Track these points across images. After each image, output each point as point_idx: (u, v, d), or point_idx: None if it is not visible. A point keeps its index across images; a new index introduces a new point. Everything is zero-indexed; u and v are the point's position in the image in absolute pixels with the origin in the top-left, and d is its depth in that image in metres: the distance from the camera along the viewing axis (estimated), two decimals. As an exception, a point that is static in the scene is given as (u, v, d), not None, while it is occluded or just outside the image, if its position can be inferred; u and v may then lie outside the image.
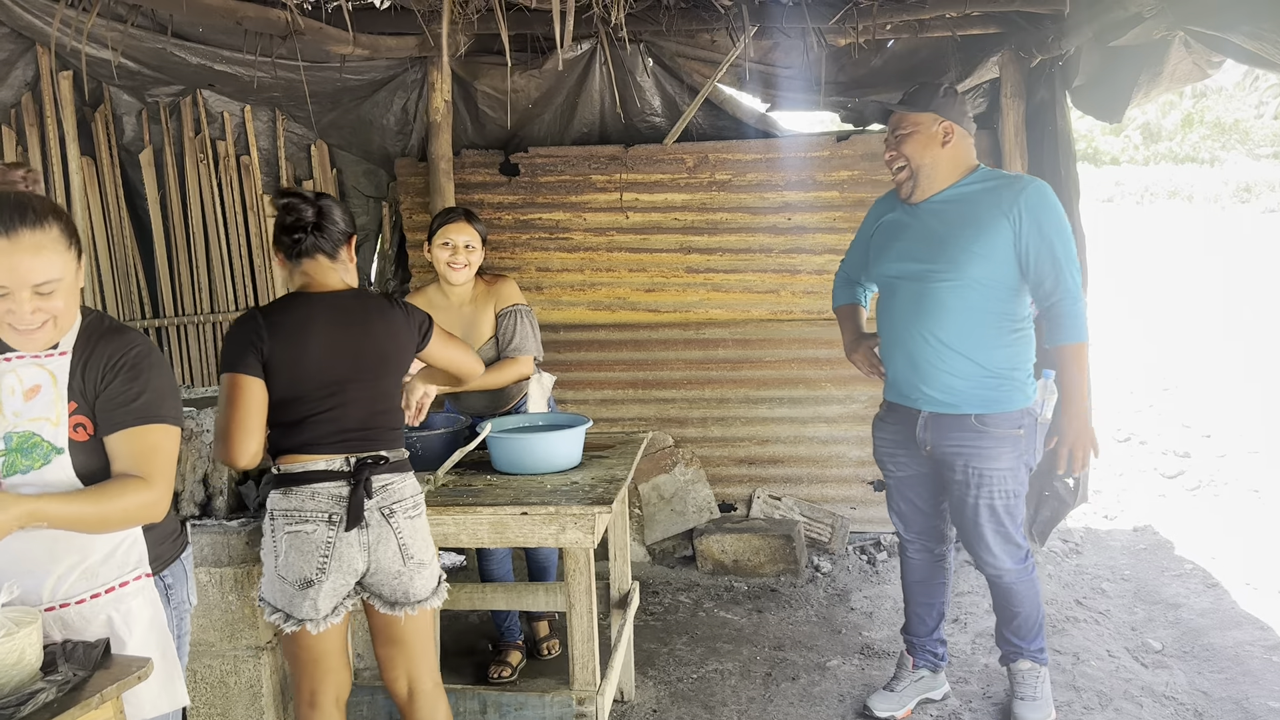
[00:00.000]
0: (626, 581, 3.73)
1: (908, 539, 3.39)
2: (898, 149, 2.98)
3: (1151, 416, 7.27)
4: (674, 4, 3.80)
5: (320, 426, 2.42)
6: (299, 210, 2.47)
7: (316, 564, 2.39)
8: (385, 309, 2.56)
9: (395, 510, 2.47)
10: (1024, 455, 3.03)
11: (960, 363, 2.98)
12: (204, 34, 4.40)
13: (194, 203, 5.11)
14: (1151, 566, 4.73)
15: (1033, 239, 2.84)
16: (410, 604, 2.51)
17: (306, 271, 2.50)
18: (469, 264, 3.41)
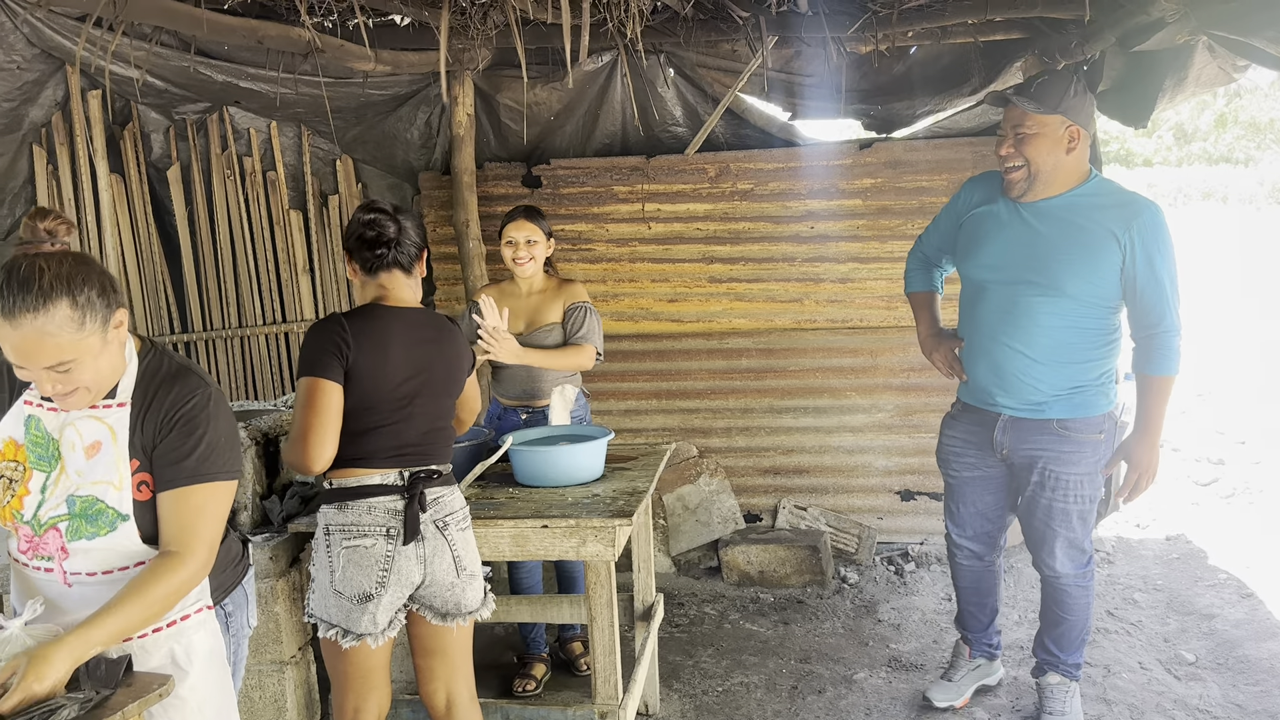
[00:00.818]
0: (651, 593, 3.72)
1: (959, 544, 3.34)
2: (1017, 148, 2.83)
3: (1185, 423, 7.16)
4: (692, 16, 3.79)
5: (383, 439, 2.45)
6: (382, 225, 2.50)
7: (376, 578, 2.41)
8: (451, 330, 2.64)
9: (449, 523, 2.51)
10: (1101, 460, 3.00)
11: (1048, 376, 2.92)
12: (229, 52, 4.45)
13: (221, 218, 5.16)
14: (1184, 576, 4.65)
15: (1143, 269, 2.77)
16: (461, 615, 2.54)
17: (382, 284, 2.53)
18: (533, 257, 3.58)
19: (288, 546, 2.98)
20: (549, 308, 3.64)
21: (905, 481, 4.97)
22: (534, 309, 3.65)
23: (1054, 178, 2.83)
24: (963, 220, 3.11)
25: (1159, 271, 2.75)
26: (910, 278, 3.41)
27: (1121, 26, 3.34)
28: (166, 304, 5.18)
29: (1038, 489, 3.01)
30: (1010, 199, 2.94)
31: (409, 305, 2.55)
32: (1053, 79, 2.81)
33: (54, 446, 1.92)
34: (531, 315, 3.64)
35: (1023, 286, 2.87)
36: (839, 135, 5.13)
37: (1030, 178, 2.84)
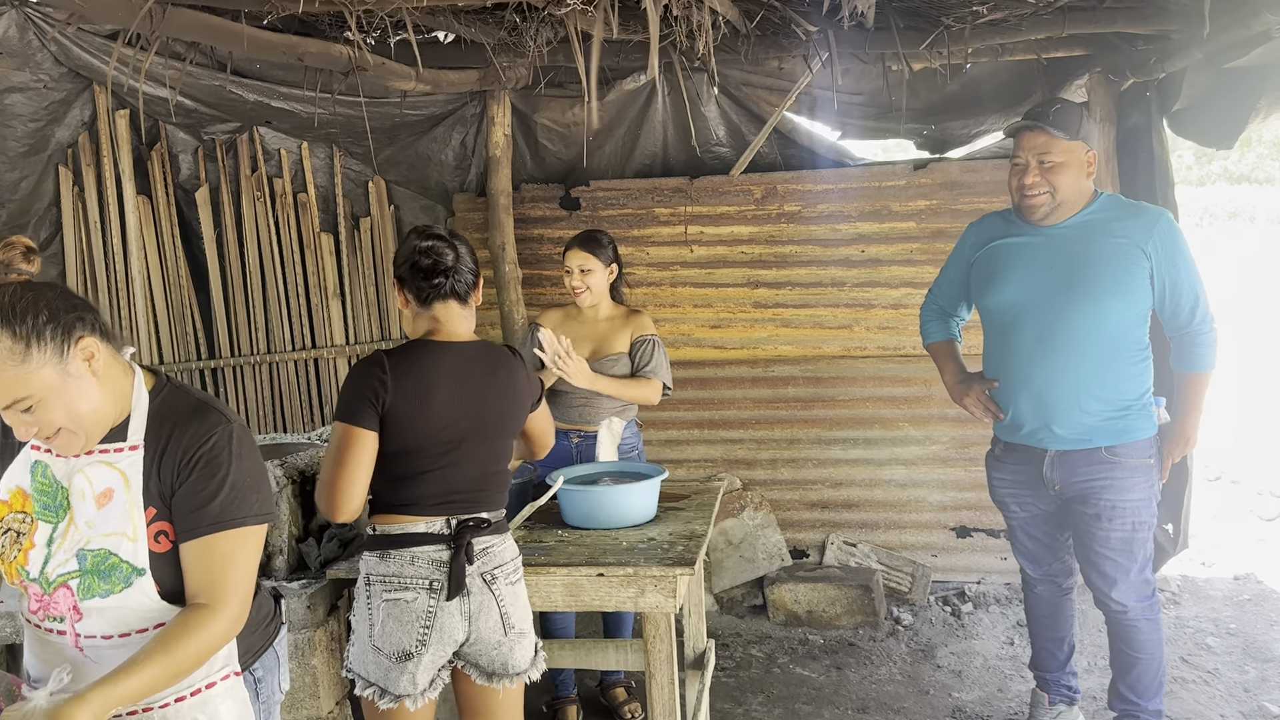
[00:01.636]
0: (702, 640, 3.52)
1: (1035, 577, 3.27)
2: (1043, 176, 2.83)
3: (1240, 452, 6.91)
4: (752, 33, 3.62)
5: (428, 485, 2.27)
6: (440, 253, 2.31)
7: (417, 635, 2.23)
8: (511, 365, 2.43)
9: (497, 576, 2.31)
10: (1154, 485, 2.95)
11: (1094, 399, 2.86)
12: (261, 70, 4.32)
13: (250, 241, 5.02)
14: (1259, 619, 4.40)
15: (1169, 271, 2.79)
16: (509, 675, 2.34)
17: (436, 317, 2.34)
18: (588, 287, 3.50)
19: (325, 594, 2.79)
20: (616, 337, 3.53)
21: (961, 517, 4.74)
22: (600, 337, 3.53)
23: (1075, 201, 2.86)
24: (973, 261, 3.09)
25: (1186, 271, 2.79)
26: (927, 330, 3.36)
27: (1215, 41, 3.14)
28: (193, 329, 5.03)
29: (1094, 521, 2.93)
30: (1028, 224, 2.94)
31: (462, 339, 2.36)
32: (1067, 106, 2.84)
33: (63, 495, 1.74)
34: (598, 343, 3.52)
35: (1058, 307, 2.84)
36: (892, 155, 4.94)
37: (1055, 203, 2.85)
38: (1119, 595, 2.98)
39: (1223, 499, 6.12)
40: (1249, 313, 12.64)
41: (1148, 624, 3.01)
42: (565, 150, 4.94)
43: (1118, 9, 3.45)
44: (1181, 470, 4.16)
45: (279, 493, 2.85)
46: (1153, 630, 3.02)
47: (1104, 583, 2.98)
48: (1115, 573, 2.95)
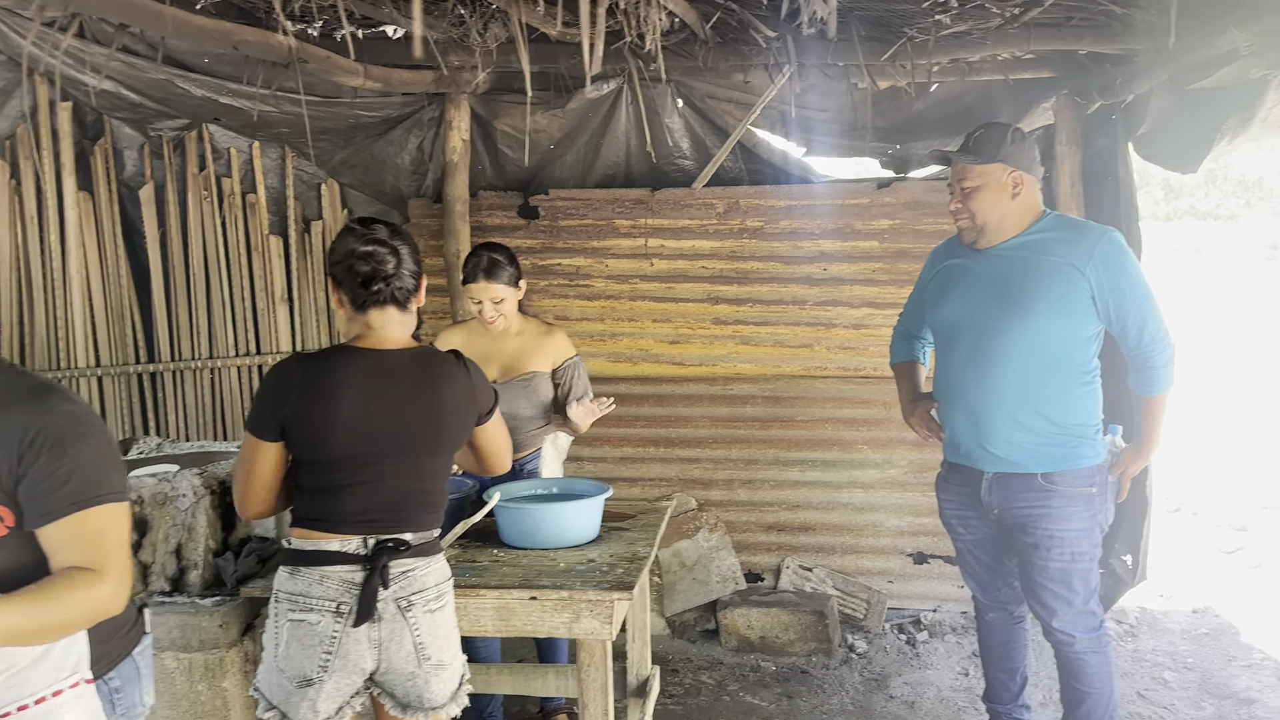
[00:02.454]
0: (646, 666, 3.39)
1: (985, 602, 3.19)
2: (963, 203, 2.82)
3: (1201, 484, 6.87)
4: (710, 38, 3.52)
5: (346, 501, 2.13)
6: (380, 260, 2.13)
7: (319, 661, 2.09)
8: (450, 374, 2.24)
9: (414, 603, 2.15)
10: (1097, 515, 2.87)
11: (1027, 418, 2.80)
12: (210, 65, 4.17)
13: (195, 242, 4.84)
14: (1217, 654, 4.33)
15: (1113, 292, 2.72)
16: (424, 710, 2.18)
17: (370, 323, 2.18)
18: (503, 314, 3.28)
19: (240, 612, 2.63)
20: (531, 356, 3.34)
21: (918, 543, 4.64)
22: (511, 355, 3.34)
23: (1004, 224, 2.82)
24: (929, 282, 3.09)
25: (1130, 291, 2.73)
26: (893, 350, 3.36)
27: (1179, 61, 3.08)
28: (133, 331, 4.84)
29: (1032, 550, 2.87)
30: (973, 249, 2.91)
31: (393, 345, 2.20)
32: (988, 130, 2.83)
33: None
34: (509, 362, 3.33)
35: (994, 326, 2.81)
36: (855, 173, 4.86)
37: (978, 228, 2.83)
38: (1061, 625, 2.90)
39: (1183, 531, 6.07)
40: (1211, 346, 12.73)
41: (1095, 657, 2.93)
42: (526, 158, 4.81)
43: (1084, 27, 3.39)
44: (1140, 501, 4.09)
45: (196, 504, 2.70)
46: (1101, 664, 2.94)
47: (1045, 612, 2.91)
48: (1055, 603, 2.88)
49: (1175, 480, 6.97)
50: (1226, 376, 10.84)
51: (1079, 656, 2.94)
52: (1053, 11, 3.23)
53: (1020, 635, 3.22)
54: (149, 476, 2.75)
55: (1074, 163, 4.12)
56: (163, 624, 2.56)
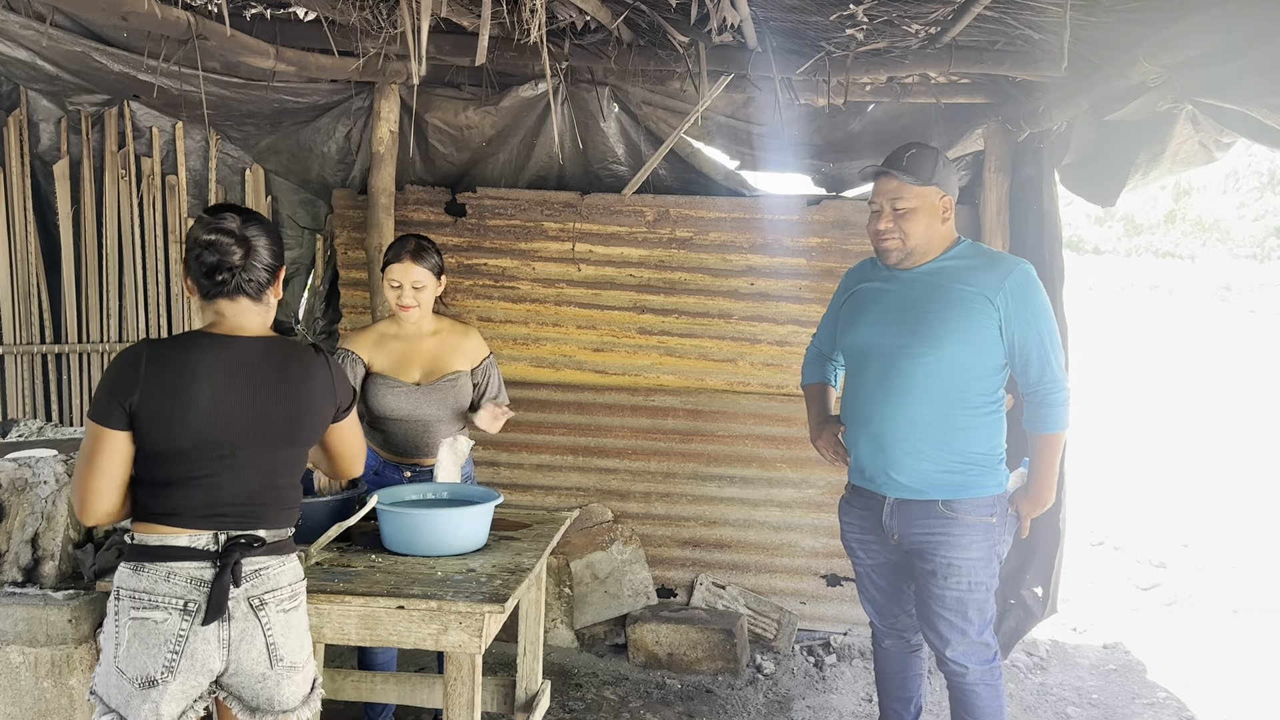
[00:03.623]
0: (536, 681, 3.30)
1: (882, 629, 3.16)
2: (896, 223, 2.76)
3: (1127, 520, 6.91)
4: (631, 41, 3.45)
5: (194, 494, 2.04)
6: (224, 249, 2.05)
7: (163, 661, 1.98)
8: (308, 365, 2.17)
9: (266, 601, 2.07)
10: (996, 545, 2.84)
11: (929, 446, 2.77)
12: (128, 40, 4.03)
13: (110, 221, 4.69)
14: (1122, 691, 4.31)
15: (1019, 325, 2.70)
16: (274, 713, 2.09)
17: (220, 311, 2.10)
18: (419, 303, 3.18)
19: (94, 607, 2.50)
20: (450, 356, 3.26)
21: (832, 565, 4.59)
22: (432, 355, 3.25)
23: (930, 247, 2.81)
24: (842, 304, 3.06)
25: (1036, 327, 2.72)
26: (805, 371, 3.33)
27: (1095, 92, 3.06)
28: (40, 309, 4.68)
29: (930, 577, 2.84)
30: (885, 268, 2.89)
31: (248, 334, 2.11)
32: (922, 151, 2.80)
33: None
34: (430, 363, 3.23)
35: (899, 350, 2.78)
36: (788, 189, 4.82)
37: (907, 249, 2.80)
38: (954, 655, 2.87)
39: (1103, 565, 6.08)
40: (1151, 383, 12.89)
41: (987, 689, 2.89)
42: (456, 154, 4.72)
43: (1007, 52, 3.36)
44: (1053, 533, 4.06)
45: (57, 491, 2.58)
46: (993, 697, 2.90)
47: (939, 641, 2.87)
48: (949, 632, 2.84)
49: (1101, 514, 7.01)
50: (1164, 414, 10.96)
51: (971, 688, 2.91)
52: (973, 34, 3.20)
53: (916, 664, 3.19)
54: (10, 461, 2.62)
55: (1001, 190, 4.11)
56: (9, 616, 2.43)
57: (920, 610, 2.94)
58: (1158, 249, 29.38)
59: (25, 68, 4.28)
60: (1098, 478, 7.77)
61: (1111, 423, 9.94)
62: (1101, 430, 9.32)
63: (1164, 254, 29.21)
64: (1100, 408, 10.43)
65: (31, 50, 4.13)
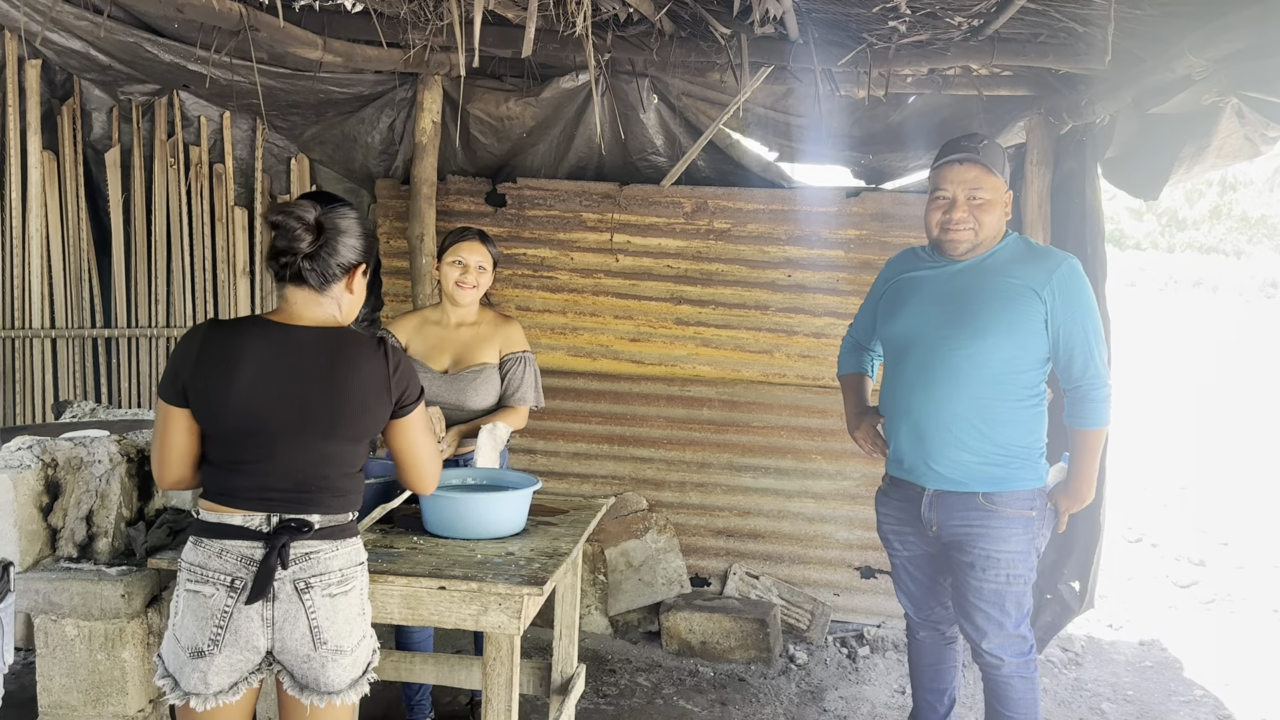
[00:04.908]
0: (571, 665, 3.34)
1: (917, 620, 3.16)
2: (973, 214, 2.73)
3: (1165, 517, 6.84)
4: (672, 33, 3.47)
5: (243, 478, 2.08)
6: (292, 235, 2.06)
7: (210, 634, 2.04)
8: (362, 358, 2.13)
9: (313, 585, 2.08)
10: (1035, 538, 2.83)
11: (971, 437, 2.77)
12: (179, 30, 4.12)
13: (159, 209, 4.80)
14: (1158, 688, 4.29)
15: (1065, 319, 2.70)
16: (320, 693, 2.11)
17: (285, 297, 2.13)
18: (478, 285, 3.23)
19: (145, 583, 2.58)
20: (483, 347, 3.27)
21: (867, 557, 4.60)
22: (464, 344, 3.27)
23: (993, 240, 2.80)
24: (882, 295, 3.05)
25: (1082, 323, 2.71)
26: (841, 361, 3.32)
27: (1139, 85, 3.04)
28: (90, 295, 4.79)
29: (968, 569, 2.84)
30: (936, 259, 2.88)
31: (304, 323, 2.13)
32: (991, 142, 2.79)
33: None
34: (461, 351, 3.26)
35: (943, 341, 2.77)
36: (827, 181, 4.82)
37: (978, 240, 2.78)
38: (990, 648, 2.87)
39: (1140, 562, 6.03)
40: (1193, 381, 12.72)
41: (1022, 682, 2.89)
42: (497, 144, 4.77)
43: (1050, 44, 3.35)
44: (1093, 528, 4.04)
45: (110, 471, 2.66)
46: (1028, 689, 2.90)
47: (975, 634, 2.87)
48: (986, 624, 2.84)
49: (1140, 511, 6.95)
50: (1206, 411, 10.82)
51: (1006, 680, 2.91)
52: (1016, 26, 3.19)
53: (951, 656, 3.20)
54: (66, 440, 2.70)
55: (1043, 183, 4.08)
56: (65, 590, 2.52)
57: (957, 602, 2.94)
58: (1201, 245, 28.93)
59: (79, 58, 4.38)
60: (1136, 474, 7.70)
61: (1152, 419, 9.83)
62: (1141, 427, 9.23)
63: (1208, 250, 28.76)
64: (1141, 404, 10.32)
65: (86, 41, 4.23)
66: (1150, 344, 14.70)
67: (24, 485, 2.55)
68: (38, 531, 2.59)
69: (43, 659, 2.54)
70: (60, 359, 4.76)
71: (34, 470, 2.59)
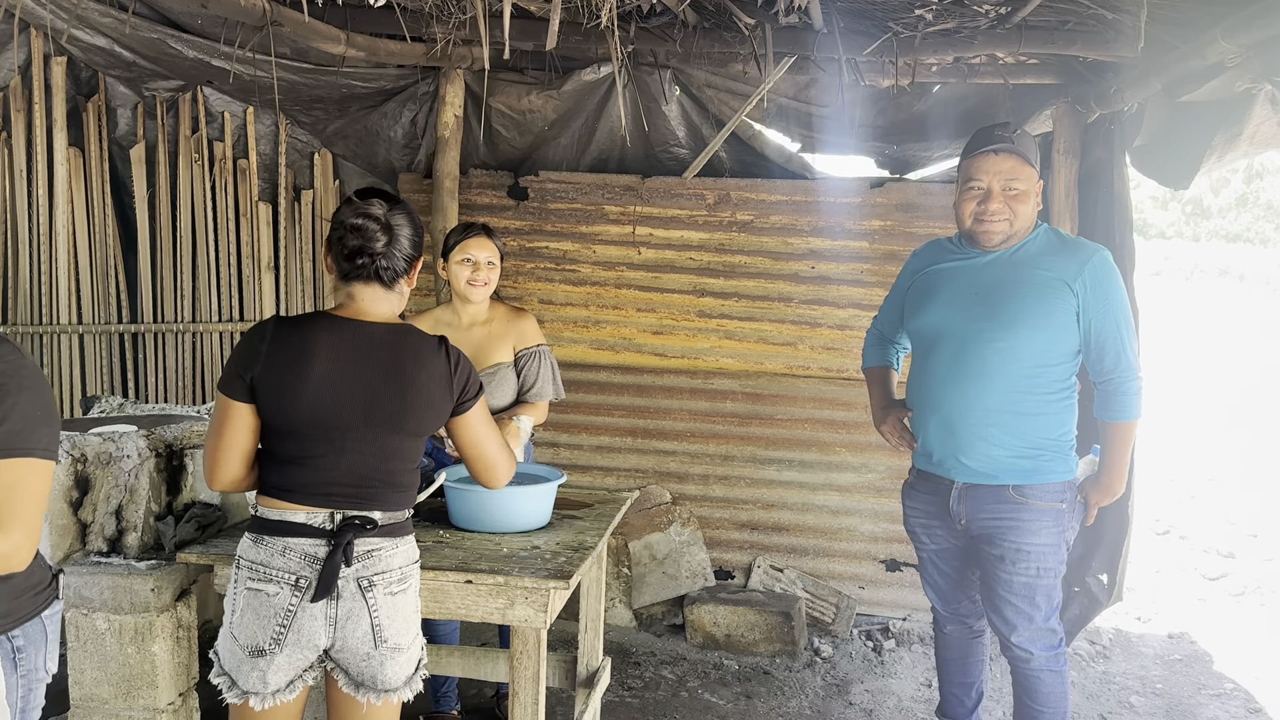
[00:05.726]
0: (597, 658, 3.34)
1: (945, 614, 3.14)
2: (1008, 204, 2.70)
3: (1193, 509, 6.77)
4: (695, 23, 3.45)
5: (308, 473, 2.08)
6: (369, 235, 2.07)
7: (272, 633, 2.04)
8: (426, 355, 2.15)
9: (376, 583, 2.09)
10: (1065, 531, 2.81)
11: (1002, 431, 2.74)
12: (202, 26, 4.14)
13: (184, 204, 4.83)
14: (1187, 681, 4.25)
15: (1096, 312, 2.67)
16: (377, 691, 2.12)
17: (352, 294, 2.13)
18: (488, 282, 3.19)
19: (175, 577, 2.60)
20: (497, 346, 3.23)
21: (892, 550, 4.58)
22: (477, 345, 3.21)
23: (1025, 231, 2.76)
24: (909, 287, 3.01)
25: (1113, 315, 2.69)
26: (866, 354, 3.29)
27: (1170, 72, 3.00)
28: (117, 290, 4.83)
29: (997, 562, 2.81)
30: (966, 250, 2.85)
31: (371, 319, 2.13)
32: (1024, 132, 2.76)
33: None
34: (474, 353, 3.19)
35: (975, 334, 2.75)
36: (850, 171, 4.78)
37: (1013, 231, 2.74)
38: (1020, 641, 2.84)
39: (1168, 554, 5.98)
40: (1221, 372, 12.58)
41: (1051, 676, 2.87)
42: (519, 138, 4.77)
43: (1078, 32, 3.31)
44: (1121, 520, 4.01)
45: (139, 465, 2.67)
46: (1057, 683, 2.88)
47: (1005, 627, 2.85)
48: (1016, 618, 2.82)
49: (1167, 503, 6.88)
50: (1235, 402, 10.70)
51: (1035, 674, 2.89)
52: (1044, 14, 3.15)
53: (978, 649, 3.18)
54: (95, 435, 2.72)
55: (1070, 172, 4.04)
56: (95, 585, 2.54)
57: (986, 595, 2.92)
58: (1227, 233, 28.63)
59: (104, 55, 4.41)
60: (1164, 466, 7.63)
61: (1179, 410, 9.73)
62: (1169, 418, 9.14)
63: (1234, 238, 28.47)
64: (1168, 395, 10.22)
65: (110, 37, 4.26)
66: (1177, 334, 14.55)
67: (54, 480, 2.57)
68: (68, 526, 2.62)
69: (74, 652, 2.57)
70: (88, 354, 4.80)
71: (63, 465, 2.61)
